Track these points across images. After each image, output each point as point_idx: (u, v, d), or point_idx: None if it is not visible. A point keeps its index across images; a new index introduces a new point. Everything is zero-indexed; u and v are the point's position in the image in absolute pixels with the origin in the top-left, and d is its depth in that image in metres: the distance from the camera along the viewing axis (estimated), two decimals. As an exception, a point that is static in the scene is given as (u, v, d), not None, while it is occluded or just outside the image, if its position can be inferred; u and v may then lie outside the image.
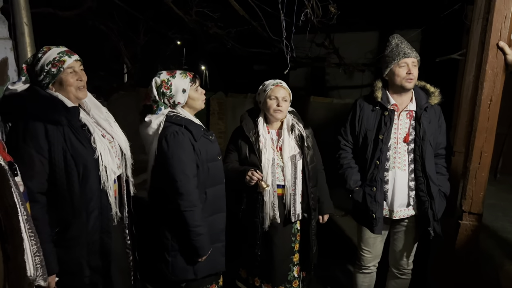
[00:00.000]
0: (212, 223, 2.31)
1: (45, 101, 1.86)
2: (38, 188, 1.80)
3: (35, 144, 1.78)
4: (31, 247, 1.53)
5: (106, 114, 2.13)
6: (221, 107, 7.43)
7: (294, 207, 2.52)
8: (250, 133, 2.51)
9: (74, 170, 1.86)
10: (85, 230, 1.92)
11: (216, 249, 2.34)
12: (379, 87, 2.59)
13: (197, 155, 2.19)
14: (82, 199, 1.88)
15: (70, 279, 1.93)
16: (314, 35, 5.74)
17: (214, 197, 2.31)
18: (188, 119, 2.25)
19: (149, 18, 6.39)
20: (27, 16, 3.25)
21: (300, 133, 2.56)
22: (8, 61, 3.25)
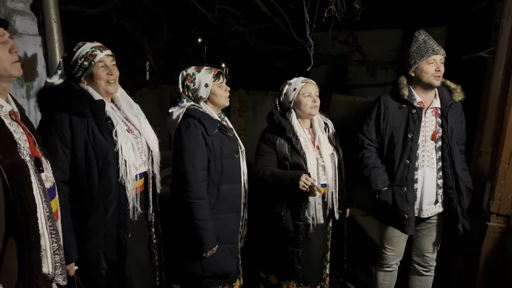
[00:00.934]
0: (224, 221, 2.29)
1: (73, 94, 1.90)
2: (60, 177, 1.84)
3: (59, 134, 1.84)
4: (51, 245, 1.53)
5: (137, 111, 2.16)
6: (241, 105, 7.45)
7: (336, 205, 2.52)
8: (290, 133, 2.42)
9: (94, 161, 1.89)
10: (102, 222, 1.94)
11: (226, 249, 2.32)
12: (405, 84, 2.54)
13: (209, 149, 2.20)
14: (101, 191, 1.91)
15: (88, 270, 1.96)
16: (337, 32, 5.69)
17: (229, 195, 2.30)
18: (205, 113, 2.27)
19: (173, 15, 6.46)
20: (56, 13, 3.33)
21: (333, 131, 2.56)
22: (37, 57, 3.34)
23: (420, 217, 2.60)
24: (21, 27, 3.21)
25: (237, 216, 2.37)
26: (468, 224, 2.53)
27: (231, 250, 2.35)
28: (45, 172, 1.60)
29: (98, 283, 2.00)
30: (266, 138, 2.53)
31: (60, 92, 1.91)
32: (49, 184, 1.61)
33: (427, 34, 2.51)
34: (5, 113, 1.48)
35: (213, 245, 2.24)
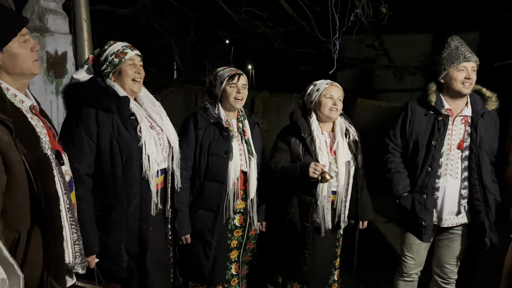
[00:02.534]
0: (200, 217, 2.39)
1: (99, 90, 1.96)
2: (85, 170, 1.89)
3: (85, 128, 1.89)
4: (72, 235, 1.58)
5: (159, 108, 2.21)
6: (265, 106, 7.45)
7: (344, 213, 2.49)
8: (305, 133, 2.43)
9: (118, 155, 1.93)
10: (125, 216, 1.98)
11: (198, 245, 2.41)
12: (433, 91, 2.49)
13: (197, 143, 2.36)
14: (124, 185, 1.95)
15: (109, 262, 2.00)
16: (364, 36, 5.62)
17: (210, 192, 2.37)
18: (207, 109, 2.40)
19: (200, 16, 6.53)
20: (86, 13, 3.42)
21: (354, 138, 2.51)
22: (68, 55, 3.45)
23: (440, 226, 2.53)
24: (53, 25, 3.31)
25: (214, 216, 2.39)
26: (496, 237, 2.45)
27: (205, 249, 2.41)
28: (65, 165, 1.66)
29: (119, 275, 2.04)
30: (283, 135, 2.55)
31: (87, 88, 1.97)
32: (68, 178, 1.66)
33: (461, 40, 2.45)
34: (26, 108, 1.53)
35: (186, 231, 2.38)
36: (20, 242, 1.43)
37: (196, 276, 2.52)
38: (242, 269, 2.64)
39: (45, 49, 3.23)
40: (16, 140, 1.38)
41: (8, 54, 1.44)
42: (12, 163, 1.38)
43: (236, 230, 2.52)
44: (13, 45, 1.44)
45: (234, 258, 2.55)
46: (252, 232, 2.59)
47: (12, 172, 1.38)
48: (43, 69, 3.23)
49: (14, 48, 1.45)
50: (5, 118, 1.34)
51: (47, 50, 3.26)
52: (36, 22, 3.26)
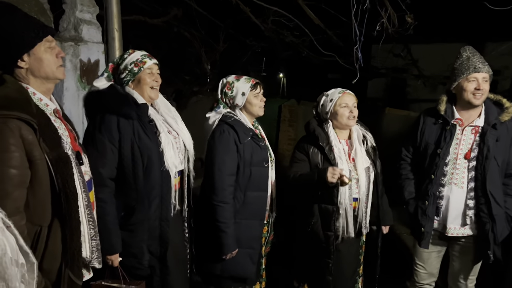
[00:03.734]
0: (247, 227, 2.36)
1: (120, 98, 2.07)
2: (108, 174, 1.99)
3: (108, 135, 1.98)
4: (89, 231, 1.68)
5: (174, 113, 2.31)
6: (292, 115, 7.47)
7: (365, 220, 2.50)
8: (324, 142, 2.44)
9: (140, 160, 2.03)
10: (147, 216, 2.07)
11: (245, 254, 2.38)
12: (443, 100, 2.51)
13: (240, 156, 2.30)
14: (146, 187, 2.04)
15: (131, 260, 2.10)
16: (393, 45, 5.58)
17: (254, 202, 2.37)
18: (239, 121, 2.36)
19: (229, 26, 6.69)
20: (118, 23, 3.61)
21: (371, 144, 2.53)
22: (100, 63, 3.64)
23: (447, 235, 2.51)
24: (87, 35, 3.51)
25: (260, 223, 2.42)
26: (500, 251, 2.40)
27: (251, 255, 2.41)
28: (84, 166, 1.77)
29: (141, 273, 2.14)
30: (300, 146, 2.57)
31: (108, 96, 2.09)
32: (87, 177, 1.77)
33: (473, 50, 2.43)
34: (50, 111, 1.65)
35: (232, 249, 2.32)
36: (41, 235, 1.55)
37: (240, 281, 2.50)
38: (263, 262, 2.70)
39: (79, 57, 3.42)
40: (39, 140, 1.50)
41: (34, 57, 1.57)
42: (35, 161, 1.49)
43: (264, 227, 2.57)
44: (39, 49, 1.57)
45: (263, 253, 2.63)
46: (271, 237, 2.66)
47: (35, 169, 1.50)
48: (77, 76, 3.43)
49: (40, 53, 1.57)
50: (30, 119, 1.46)
51: (81, 58, 3.45)
52: (72, 32, 3.46)
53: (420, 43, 6.85)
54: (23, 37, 1.52)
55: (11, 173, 1.43)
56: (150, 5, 5.96)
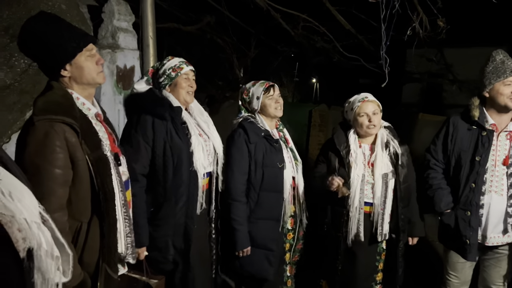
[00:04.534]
0: (262, 227, 2.41)
1: (156, 100, 2.18)
2: (140, 170, 2.08)
3: (142, 133, 2.08)
4: (125, 229, 1.77)
5: (207, 118, 2.41)
6: (322, 120, 7.44)
7: (382, 226, 2.44)
8: (341, 146, 2.46)
9: (170, 159, 2.11)
10: (173, 213, 2.14)
11: (261, 254, 2.42)
12: (476, 105, 2.40)
13: (250, 156, 2.38)
14: (174, 185, 2.11)
15: (157, 255, 2.16)
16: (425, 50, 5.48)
17: (268, 202, 2.40)
18: (252, 123, 2.45)
19: (260, 32, 6.78)
20: (153, 31, 3.76)
21: (395, 151, 2.47)
22: (135, 69, 3.80)
23: (485, 245, 2.42)
24: (123, 42, 3.69)
25: (276, 224, 2.44)
26: None
27: (267, 256, 2.44)
28: (122, 166, 1.86)
29: (164, 268, 2.22)
30: (323, 148, 2.64)
31: (145, 98, 2.21)
32: (124, 178, 1.86)
33: (506, 54, 2.37)
34: (92, 115, 1.75)
35: (245, 246, 2.37)
36: (82, 231, 1.64)
37: (259, 283, 2.56)
38: (292, 270, 2.70)
39: (115, 63, 3.60)
40: (81, 142, 1.60)
41: (75, 66, 1.67)
42: (77, 161, 1.60)
43: (289, 233, 2.59)
44: (79, 58, 1.67)
45: (287, 260, 2.63)
46: (300, 233, 2.65)
47: (78, 169, 1.60)
48: (113, 81, 3.60)
49: (81, 62, 1.67)
50: (73, 123, 1.57)
51: (117, 64, 3.63)
52: (109, 40, 3.64)
53: (454, 47, 6.66)
54: (65, 48, 1.63)
55: (56, 172, 1.54)
56: (184, 13, 6.13)
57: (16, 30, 3.07)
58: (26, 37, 1.63)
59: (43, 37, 1.60)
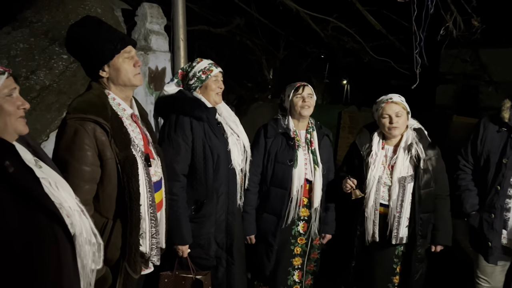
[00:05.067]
0: (265, 220, 2.54)
1: (192, 102, 2.25)
2: (181, 170, 2.15)
3: (182, 135, 2.15)
4: (150, 229, 1.79)
5: (234, 117, 2.47)
6: (352, 121, 7.37)
7: (397, 229, 2.41)
8: (363, 147, 2.49)
9: (210, 158, 2.18)
10: (214, 210, 2.22)
11: (262, 246, 2.56)
12: (507, 107, 2.35)
13: (265, 150, 2.55)
14: (214, 183, 2.20)
15: (200, 251, 2.23)
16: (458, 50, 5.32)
17: (275, 197, 2.51)
18: (275, 120, 2.58)
19: (289, 34, 6.78)
20: (184, 33, 3.84)
21: (417, 154, 2.42)
22: (166, 70, 3.90)
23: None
24: (155, 44, 3.79)
25: (277, 220, 2.51)
26: None
27: (266, 251, 2.55)
28: (154, 167, 1.88)
29: (207, 264, 2.28)
30: (349, 149, 2.68)
31: (181, 100, 2.26)
32: (156, 178, 1.88)
33: None
34: (127, 115, 1.80)
35: (249, 233, 2.54)
36: (107, 227, 1.69)
37: (260, 276, 2.68)
38: (307, 279, 2.70)
39: (147, 65, 3.70)
40: (111, 141, 1.65)
41: (113, 68, 1.73)
42: (106, 160, 1.65)
43: (300, 237, 2.61)
44: (117, 60, 1.73)
45: (297, 265, 2.64)
46: (316, 241, 2.66)
47: (106, 167, 1.66)
48: (145, 83, 3.70)
49: (118, 63, 1.73)
50: (103, 122, 1.62)
51: (149, 66, 3.73)
52: (142, 42, 3.75)
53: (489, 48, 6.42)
54: (103, 50, 1.69)
55: (83, 169, 1.60)
56: (214, 15, 6.22)
57: (55, 34, 3.26)
58: (70, 39, 1.71)
59: (84, 39, 1.68)
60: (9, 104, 1.23)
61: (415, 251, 2.44)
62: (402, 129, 2.43)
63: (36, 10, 3.37)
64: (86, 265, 1.37)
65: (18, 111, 1.26)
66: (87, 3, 3.45)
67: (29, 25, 3.26)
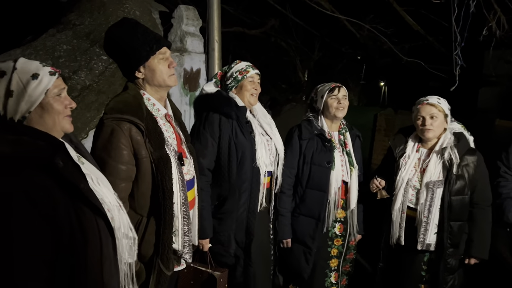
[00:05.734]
0: (302, 223, 2.49)
1: (223, 100, 2.29)
2: (207, 165, 2.20)
3: (210, 130, 2.20)
4: (183, 227, 1.82)
5: (270, 120, 2.48)
6: (388, 124, 7.17)
7: (424, 235, 2.34)
8: (396, 149, 2.47)
9: (235, 155, 2.21)
10: (236, 207, 2.23)
11: (300, 249, 2.50)
12: None
13: (300, 152, 2.50)
14: (238, 180, 2.21)
15: (219, 247, 2.25)
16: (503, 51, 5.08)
17: (311, 200, 2.47)
18: (308, 121, 2.54)
19: (324, 35, 6.72)
20: (218, 35, 3.90)
21: (450, 158, 2.32)
22: (201, 71, 3.96)
23: None
24: (190, 46, 3.86)
25: (316, 223, 2.47)
26: None
27: (305, 253, 2.50)
28: (187, 166, 1.91)
29: (226, 261, 2.30)
30: (387, 149, 2.63)
31: (214, 98, 2.32)
32: (188, 177, 1.91)
33: None
34: (161, 115, 1.85)
35: (286, 236, 2.49)
36: (141, 224, 1.74)
37: (296, 279, 2.65)
38: (342, 279, 2.69)
39: (183, 66, 3.78)
40: (146, 140, 1.69)
41: (148, 69, 1.78)
42: (141, 159, 1.70)
43: (337, 238, 2.60)
44: (152, 61, 1.77)
45: (334, 266, 2.63)
46: (352, 242, 2.64)
47: (141, 166, 1.70)
48: (180, 84, 3.78)
49: (153, 64, 1.77)
50: (139, 122, 1.67)
51: (185, 67, 3.81)
52: (178, 44, 3.84)
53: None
54: (139, 51, 1.74)
55: (120, 168, 1.65)
56: (249, 17, 6.27)
57: (96, 36, 3.39)
58: (108, 40, 1.77)
59: (121, 41, 1.73)
60: (58, 103, 1.29)
61: (443, 260, 2.34)
62: (436, 132, 2.34)
63: (79, 13, 3.52)
64: (123, 258, 1.42)
65: (65, 110, 1.31)
66: (127, 6, 3.57)
67: (72, 27, 3.41)
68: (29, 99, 1.22)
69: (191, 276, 2.13)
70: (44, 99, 1.25)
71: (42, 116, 1.26)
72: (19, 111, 1.22)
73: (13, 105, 1.21)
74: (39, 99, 1.24)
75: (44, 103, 1.25)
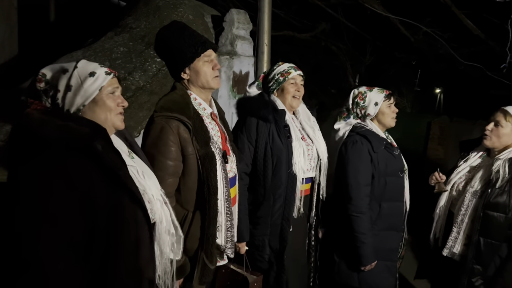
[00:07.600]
0: (384, 238, 2.31)
1: (262, 103, 2.28)
2: (244, 169, 2.18)
3: (247, 134, 2.20)
4: (226, 223, 1.85)
5: (313, 123, 2.42)
6: (442, 132, 6.84)
7: (454, 242, 2.25)
8: (462, 153, 2.39)
9: (270, 159, 2.18)
10: (271, 212, 2.20)
11: (384, 266, 2.32)
12: None
13: (374, 166, 2.27)
14: (272, 185, 2.18)
15: (254, 252, 2.24)
16: None
17: (390, 213, 2.30)
18: (372, 131, 2.34)
19: (377, 38, 6.55)
20: (268, 38, 3.93)
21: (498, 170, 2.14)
22: (249, 74, 4.00)
23: None
24: (240, 49, 3.91)
25: (397, 234, 2.36)
26: None
27: (389, 267, 2.36)
28: (230, 163, 1.96)
29: (260, 265, 2.29)
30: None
31: (253, 101, 2.32)
32: (231, 174, 1.95)
33: None
34: (207, 114, 1.90)
35: (372, 260, 2.27)
36: (187, 219, 1.79)
37: None
38: None
39: (232, 69, 3.84)
40: (192, 138, 1.75)
41: (193, 70, 1.84)
42: (188, 155, 1.75)
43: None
44: (197, 63, 1.83)
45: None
46: (403, 252, 2.55)
47: (187, 162, 1.76)
48: (229, 86, 3.84)
49: (198, 66, 1.83)
50: (186, 121, 1.73)
51: (234, 70, 3.86)
52: (228, 47, 3.90)
53: None
54: (185, 53, 1.80)
55: (167, 163, 1.71)
56: (299, 21, 6.25)
57: (151, 38, 3.52)
58: (158, 42, 1.84)
59: (169, 43, 1.80)
60: (110, 100, 1.37)
61: (464, 275, 2.19)
62: (494, 141, 2.20)
63: (136, 17, 3.69)
64: (164, 253, 1.46)
65: (117, 107, 1.39)
66: (180, 10, 3.69)
67: (129, 30, 3.57)
68: (85, 94, 1.31)
69: (228, 277, 2.14)
70: (98, 95, 1.33)
71: (95, 110, 1.34)
72: (75, 104, 1.30)
73: (70, 98, 1.30)
74: (93, 95, 1.32)
75: (98, 99, 1.33)
